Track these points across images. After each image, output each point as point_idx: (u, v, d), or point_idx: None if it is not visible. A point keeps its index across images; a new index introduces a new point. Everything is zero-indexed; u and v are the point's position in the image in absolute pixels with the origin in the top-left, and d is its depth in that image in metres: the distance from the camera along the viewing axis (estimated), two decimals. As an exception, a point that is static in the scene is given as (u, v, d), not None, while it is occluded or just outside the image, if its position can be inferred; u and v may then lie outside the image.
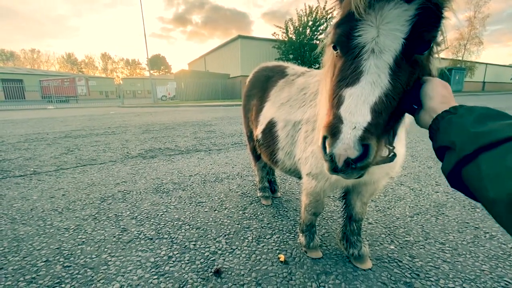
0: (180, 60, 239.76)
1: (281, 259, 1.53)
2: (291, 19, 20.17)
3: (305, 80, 1.58)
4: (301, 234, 1.64)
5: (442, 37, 0.73)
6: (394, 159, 0.79)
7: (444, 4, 0.67)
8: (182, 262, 1.52)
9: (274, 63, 2.09)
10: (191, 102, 20.67)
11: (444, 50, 0.78)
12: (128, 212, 2.14)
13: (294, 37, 20.29)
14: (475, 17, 37.33)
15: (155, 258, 1.55)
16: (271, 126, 1.65)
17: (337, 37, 0.74)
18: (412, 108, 0.74)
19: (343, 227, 1.57)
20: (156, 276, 1.40)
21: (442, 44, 0.76)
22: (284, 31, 20.61)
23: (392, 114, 0.69)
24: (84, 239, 1.76)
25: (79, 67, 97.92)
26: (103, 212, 2.14)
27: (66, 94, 28.49)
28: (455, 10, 0.69)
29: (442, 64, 0.84)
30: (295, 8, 21.97)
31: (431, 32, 0.66)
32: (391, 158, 0.78)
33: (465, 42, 38.11)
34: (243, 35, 22.94)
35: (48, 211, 2.17)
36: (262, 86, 1.90)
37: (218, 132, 6.00)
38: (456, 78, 30.02)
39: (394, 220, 2.00)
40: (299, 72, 1.74)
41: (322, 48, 0.97)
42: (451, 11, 0.69)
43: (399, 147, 1.07)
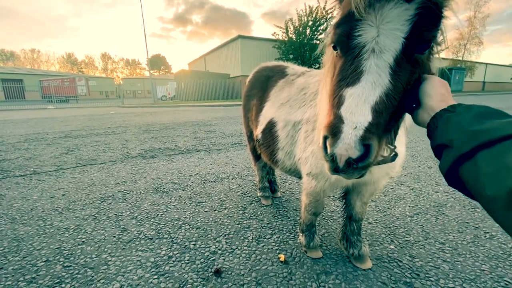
0: (180, 60, 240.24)
1: (281, 259, 1.53)
2: (291, 19, 20.18)
3: (305, 80, 1.58)
4: (301, 234, 1.64)
5: (442, 36, 0.73)
6: (395, 159, 0.79)
7: (444, 4, 0.67)
8: (182, 262, 1.52)
9: (274, 63, 2.09)
10: (191, 102, 20.67)
11: (444, 50, 0.78)
12: (128, 212, 2.14)
13: (294, 37, 20.29)
14: (475, 17, 37.32)
15: (155, 258, 1.56)
16: (271, 126, 1.65)
17: (337, 37, 0.73)
18: (411, 107, 0.74)
19: (343, 227, 1.57)
20: (156, 276, 1.40)
21: (442, 44, 0.75)
22: (284, 31, 20.60)
23: (393, 114, 0.69)
24: (84, 239, 1.76)
25: (79, 67, 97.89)
26: (103, 212, 2.14)
27: (66, 94, 28.52)
28: (455, 10, 0.69)
29: (442, 64, 0.84)
30: (295, 8, 21.97)
31: (432, 31, 0.66)
32: (392, 158, 0.78)
33: (465, 42, 38.08)
34: (243, 35, 22.95)
35: (48, 211, 2.17)
36: (262, 86, 1.90)
37: (218, 132, 6.00)
38: (456, 78, 30.00)
39: (394, 220, 2.00)
40: (299, 72, 1.73)
41: (322, 48, 0.97)
42: (451, 10, 0.69)
43: (399, 146, 1.07)
